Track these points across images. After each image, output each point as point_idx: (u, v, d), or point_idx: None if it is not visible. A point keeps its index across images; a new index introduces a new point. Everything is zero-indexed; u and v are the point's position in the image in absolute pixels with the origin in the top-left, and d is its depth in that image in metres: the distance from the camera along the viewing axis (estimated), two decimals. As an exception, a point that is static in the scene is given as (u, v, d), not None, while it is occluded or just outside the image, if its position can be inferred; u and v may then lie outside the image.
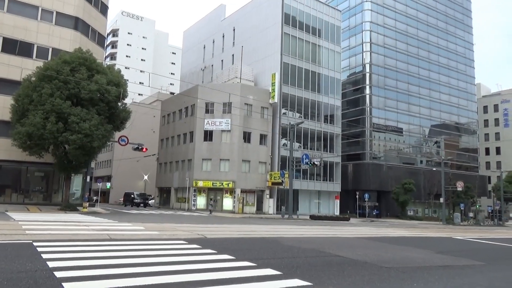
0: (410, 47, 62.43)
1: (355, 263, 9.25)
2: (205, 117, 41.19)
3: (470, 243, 18.45)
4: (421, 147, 62.16)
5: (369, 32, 57.91)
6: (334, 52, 48.82)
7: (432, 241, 18.47)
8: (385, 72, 58.12)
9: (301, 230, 19.32)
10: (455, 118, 67.90)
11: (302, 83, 45.18)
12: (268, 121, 42.32)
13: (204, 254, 9.12)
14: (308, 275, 7.38)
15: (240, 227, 18.40)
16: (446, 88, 66.69)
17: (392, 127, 58.05)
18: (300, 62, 45.34)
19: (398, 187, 50.64)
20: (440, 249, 14.64)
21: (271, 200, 41.33)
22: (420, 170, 57.80)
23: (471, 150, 70.13)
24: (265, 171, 41.62)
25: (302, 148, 43.88)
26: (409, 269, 9.05)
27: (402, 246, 14.62)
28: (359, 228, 24.25)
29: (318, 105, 46.28)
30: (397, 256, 11.39)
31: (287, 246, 11.91)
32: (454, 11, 71.67)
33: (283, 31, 44.13)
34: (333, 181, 46.74)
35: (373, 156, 54.85)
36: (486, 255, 13.76)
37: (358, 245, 14.03)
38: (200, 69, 57.62)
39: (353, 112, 56.93)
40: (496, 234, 27.21)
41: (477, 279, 8.46)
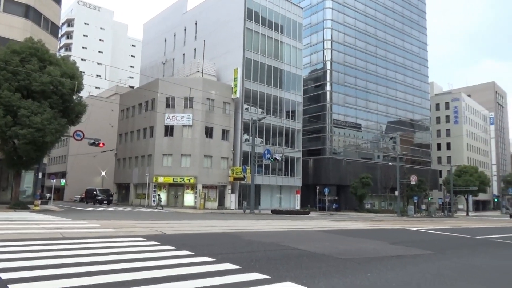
0: (368, 45, 64.38)
1: (313, 256, 9.44)
2: (166, 112, 40.40)
3: (421, 234, 19.40)
4: (378, 143, 64.47)
5: (330, 30, 59.08)
6: (296, 49, 49.40)
7: (387, 232, 19.25)
8: (345, 70, 59.62)
9: (262, 224, 19.47)
10: (410, 115, 70.97)
11: (265, 78, 45.40)
12: (230, 117, 42.19)
13: (162, 251, 8.96)
14: (267, 268, 7.44)
15: (200, 223, 18.26)
16: (402, 86, 69.50)
17: (351, 123, 59.74)
18: (263, 57, 45.49)
19: (356, 182, 52.29)
20: (394, 240, 15.28)
21: (233, 195, 41.34)
22: (377, 165, 59.98)
23: (424, 145, 73.67)
24: (227, 166, 41.53)
25: (264, 144, 44.19)
26: (364, 260, 9.37)
27: (358, 238, 15.12)
28: (319, 222, 24.81)
29: (280, 100, 46.71)
30: (353, 247, 11.76)
31: (247, 240, 11.95)
32: (410, 12, 74.67)
33: (245, 26, 44.06)
34: (294, 176, 47.47)
35: (333, 151, 56.23)
36: (435, 245, 14.52)
37: (316, 238, 14.35)
38: (161, 62, 56.37)
39: (314, 108, 58.00)
40: (446, 225, 28.80)
41: (427, 267, 8.90)
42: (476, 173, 65.75)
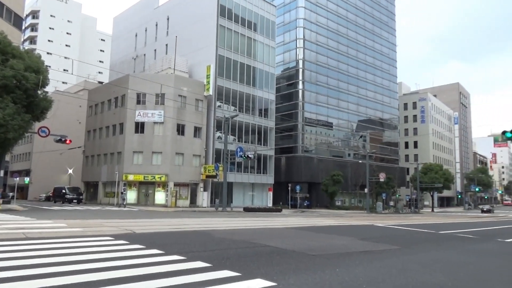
0: (340, 45, 65.49)
1: (284, 252, 9.54)
2: (137, 108, 39.59)
3: (389, 230, 19.98)
4: (349, 141, 65.79)
5: (302, 29, 59.65)
6: (269, 47, 49.58)
7: (356, 229, 19.70)
8: (317, 69, 60.39)
9: (233, 222, 19.47)
10: (379, 114, 72.81)
11: (237, 76, 45.32)
12: (202, 114, 41.86)
13: (131, 250, 8.80)
14: (238, 265, 7.46)
15: (171, 221, 18.05)
16: (372, 85, 71.16)
17: (323, 122, 60.64)
18: (236, 55, 45.38)
19: (327, 179, 53.15)
20: (363, 236, 15.66)
21: (205, 193, 41.09)
22: (348, 163, 61.22)
23: (393, 144, 75.82)
24: (199, 164, 41.22)
25: (237, 141, 44.16)
26: (333, 255, 9.56)
27: (328, 234, 15.40)
28: (290, 219, 25.07)
29: (252, 98, 46.79)
30: (323, 244, 11.97)
31: (218, 238, 11.92)
32: (380, 14, 76.49)
33: (218, 23, 43.77)
34: (266, 174, 47.72)
35: (305, 149, 56.92)
36: (402, 240, 14.99)
37: (287, 235, 14.50)
38: (132, 58, 55.16)
39: (286, 106, 58.45)
40: (412, 221, 29.78)
41: (393, 262, 9.18)
42: (441, 170, 68.34)
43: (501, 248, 14.35)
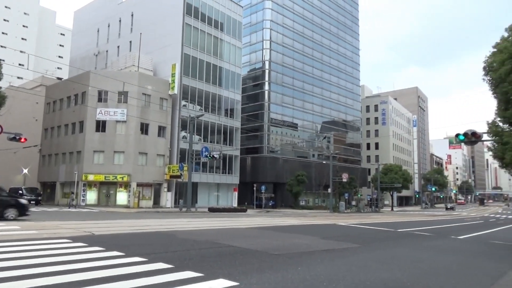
0: (306, 48, 66.52)
1: (247, 252, 9.57)
2: (98, 106, 38.29)
3: (350, 229, 20.53)
4: (313, 142, 66.93)
5: (269, 30, 60.05)
6: (235, 47, 49.52)
7: (319, 228, 20.09)
8: (283, 70, 61.00)
9: (198, 222, 19.29)
10: (343, 115, 74.62)
11: (203, 75, 44.93)
12: (167, 113, 41.14)
13: (90, 252, 8.51)
14: (200, 266, 7.40)
15: (133, 222, 17.62)
16: (336, 88, 72.80)
17: (288, 123, 61.33)
18: (202, 54, 44.97)
19: (292, 179, 53.83)
20: (325, 235, 15.99)
21: (169, 193, 40.41)
22: (312, 163, 62.27)
23: (355, 145, 77.93)
24: (163, 164, 40.48)
25: (202, 141, 43.77)
26: (295, 254, 9.69)
27: (292, 234, 15.60)
28: (255, 219, 25.18)
29: (218, 98, 46.55)
30: (286, 243, 12.11)
31: (181, 239, 11.78)
32: (344, 18, 78.42)
33: (184, 22, 43.20)
34: (232, 174, 47.63)
35: (270, 149, 57.33)
36: (362, 239, 15.44)
37: (252, 235, 14.54)
38: (93, 54, 53.32)
39: (252, 107, 58.62)
40: (373, 220, 30.76)
41: (353, 260, 9.44)
42: (400, 171, 71.02)
43: (454, 245, 15.13)
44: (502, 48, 14.68)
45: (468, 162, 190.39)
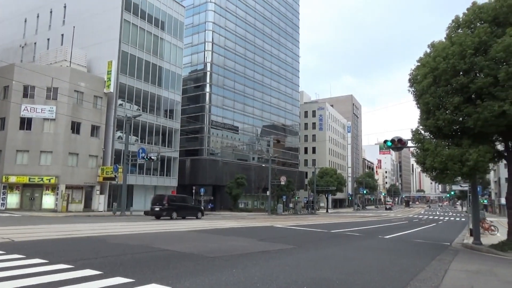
0: (247, 52, 67.18)
1: (182, 256, 9.39)
2: (23, 102, 35.34)
3: (287, 230, 21.04)
4: (253, 145, 67.69)
5: (211, 32, 59.75)
6: (176, 47, 48.56)
7: (257, 230, 20.33)
8: (224, 73, 61.00)
9: (132, 227, 18.57)
10: (282, 120, 76.41)
11: (142, 74, 43.42)
12: (102, 112, 39.12)
13: (8, 260, 7.81)
14: (132, 271, 7.12)
15: (60, 227, 16.48)
16: (276, 92, 74.38)
17: (229, 125, 61.41)
18: (141, 52, 43.46)
19: (231, 182, 53.91)
20: (262, 237, 16.23)
21: (101, 196, 38.39)
22: (252, 166, 62.91)
23: (294, 149, 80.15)
24: (96, 165, 38.40)
25: (139, 142, 42.21)
26: (232, 257, 9.70)
27: (229, 236, 15.61)
28: (193, 222, 24.82)
29: (158, 98, 45.26)
30: (223, 246, 12.09)
31: (113, 244, 11.26)
32: (285, 25, 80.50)
33: (123, 18, 41.48)
34: (170, 176, 46.51)
35: (211, 152, 56.94)
36: (298, 240, 15.90)
37: (188, 238, 14.32)
38: (19, 45, 49.20)
39: (193, 109, 57.85)
40: (308, 221, 31.82)
41: (288, 260, 9.67)
42: (335, 175, 74.29)
43: (381, 244, 16.15)
44: (425, 63, 15.98)
45: (396, 167, 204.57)
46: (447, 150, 14.77)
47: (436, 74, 15.10)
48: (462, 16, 15.57)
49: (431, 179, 17.01)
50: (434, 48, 15.98)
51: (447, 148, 15.06)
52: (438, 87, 15.19)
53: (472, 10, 15.12)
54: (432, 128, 15.66)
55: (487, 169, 16.17)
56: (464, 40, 14.17)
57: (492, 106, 13.39)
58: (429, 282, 7.72)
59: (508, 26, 13.88)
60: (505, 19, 14.17)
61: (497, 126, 14.02)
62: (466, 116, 14.44)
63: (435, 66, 15.00)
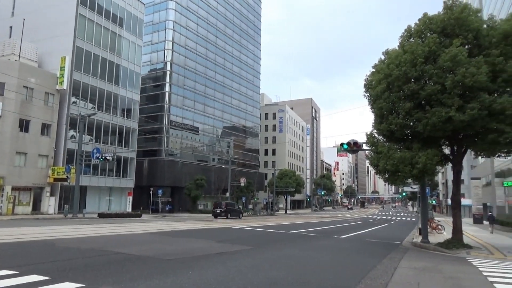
0: (209, 52, 66.69)
1: (138, 259, 9.15)
2: (-34, 97, 32.90)
3: (246, 231, 21.08)
4: (213, 146, 67.25)
5: (172, 31, 58.72)
6: (135, 45, 47.26)
7: (215, 231, 20.20)
8: (185, 73, 60.14)
9: (84, 229, 17.82)
10: (243, 121, 76.56)
11: (98, 71, 41.83)
12: (53, 110, 37.25)
13: None
14: (82, 276, 6.83)
15: (4, 231, 15.48)
16: (237, 94, 74.41)
17: (188, 126, 60.58)
18: (97, 49, 41.87)
19: (191, 183, 53.20)
20: (221, 238, 16.15)
21: (52, 198, 36.53)
22: (212, 167, 62.45)
23: (254, 150, 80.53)
24: (46, 165, 36.48)
25: (94, 142, 40.59)
26: (189, 259, 9.58)
27: (187, 238, 15.40)
28: (150, 224, 24.25)
29: (115, 97, 43.79)
30: (180, 248, 11.90)
31: (63, 248, 10.75)
32: (247, 27, 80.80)
33: (78, 12, 39.77)
34: (126, 177, 45.11)
35: (169, 152, 55.88)
36: (256, 241, 15.98)
37: (144, 240, 13.97)
38: (-38, 36, 45.79)
39: (151, 108, 56.52)
40: (267, 222, 32.06)
41: (245, 261, 9.69)
42: (294, 176, 75.45)
43: (337, 244, 16.59)
44: (379, 69, 16.67)
45: (353, 169, 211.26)
46: (399, 153, 15.48)
47: (389, 81, 15.78)
48: (414, 26, 16.39)
49: (384, 180, 17.74)
50: (388, 55, 16.68)
51: (399, 151, 15.78)
52: (391, 93, 15.88)
53: (423, 21, 15.96)
54: (385, 132, 16.35)
55: (434, 171, 17.11)
56: (415, 49, 14.92)
57: (439, 112, 14.19)
58: (380, 280, 8.03)
59: (455, 37, 14.79)
60: (452, 30, 15.08)
61: (444, 131, 14.86)
62: (417, 121, 15.21)
63: (388, 73, 15.67)
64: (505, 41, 14.47)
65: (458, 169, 17.28)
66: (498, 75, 14.25)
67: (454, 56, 13.98)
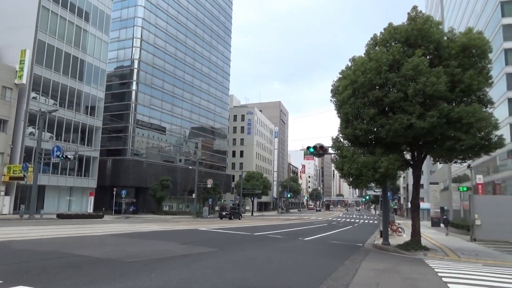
0: (178, 51, 65.81)
1: (98, 261, 8.87)
2: None
3: (211, 233, 20.93)
4: (181, 147, 66.35)
5: (140, 28, 57.49)
6: (101, 41, 45.88)
7: (180, 233, 19.93)
8: (153, 71, 59.02)
9: (42, 231, 17.06)
10: (211, 123, 76.06)
11: (61, 67, 40.23)
12: (11, 105, 35.46)
13: None
14: (38, 280, 6.54)
15: (-46, 232, 14.58)
16: (206, 95, 73.86)
17: (155, 126, 59.45)
18: (61, 43, 40.29)
19: (156, 184, 52.21)
20: (185, 240, 15.95)
21: (6, 198, 34.69)
22: (178, 168, 61.58)
23: (221, 152, 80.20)
24: (1, 163, 34.65)
25: (55, 139, 38.98)
26: (152, 261, 9.39)
27: (151, 240, 15.10)
28: (112, 225, 23.58)
29: (78, 93, 42.27)
30: (143, 250, 11.65)
31: (17, 250, 10.25)
32: (218, 28, 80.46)
33: (41, 3, 38.12)
34: (88, 177, 43.61)
35: (135, 152, 54.57)
36: (221, 242, 15.90)
37: (106, 242, 13.57)
38: None
39: (117, 106, 55.01)
40: (233, 224, 31.99)
41: (209, 263, 9.62)
42: (261, 178, 75.82)
43: (300, 245, 16.81)
44: (346, 75, 17.10)
45: (319, 172, 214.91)
46: (363, 157, 15.91)
47: (355, 87, 16.21)
48: (379, 35, 16.94)
49: (348, 184, 18.17)
50: (354, 62, 17.14)
51: (363, 155, 16.21)
52: (356, 99, 16.32)
53: (388, 31, 16.53)
54: (350, 136, 16.77)
55: (396, 176, 17.71)
56: (380, 57, 15.43)
57: (401, 119, 14.73)
58: (341, 281, 8.21)
59: (417, 47, 15.42)
60: (415, 41, 15.71)
61: (405, 137, 15.44)
62: (380, 127, 15.71)
63: (354, 79, 16.10)
64: (463, 53, 15.25)
65: (418, 174, 18.01)
66: (456, 85, 14.99)
67: (416, 66, 14.57)
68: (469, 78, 14.76)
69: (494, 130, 15.13)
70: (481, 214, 22.91)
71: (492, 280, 9.05)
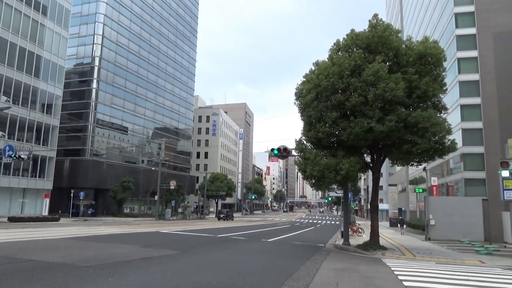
0: (142, 50, 64.33)
1: (51, 266, 8.47)
2: None
3: (173, 236, 20.59)
4: (143, 147, 64.81)
5: (102, 25, 55.65)
6: (59, 36, 43.98)
7: (141, 236, 19.46)
8: (115, 70, 57.31)
9: (-9, 235, 16.08)
10: (175, 123, 74.89)
11: (15, 62, 38.15)
12: (-41, 100, 33.25)
13: None
14: (-16, 287, 6.15)
15: None
16: (170, 95, 72.66)
17: (117, 125, 57.71)
18: (15, 37, 38.23)
19: (117, 185, 50.67)
20: (146, 243, 15.58)
21: (-46, 200, 32.51)
22: (141, 169, 60.12)
23: (186, 153, 79.14)
24: None
25: (7, 138, 36.87)
26: (109, 265, 9.09)
27: (110, 243, 14.63)
28: (68, 228, 22.65)
29: (33, 90, 40.25)
30: (101, 254, 11.25)
31: (-37, 255, 9.59)
32: (183, 28, 79.42)
33: (-6, -6, 36.07)
34: (44, 178, 41.60)
35: (94, 152, 52.67)
36: (183, 245, 15.68)
37: (61, 246, 13.00)
38: None
39: (76, 105, 52.89)
40: (197, 226, 31.64)
41: (170, 266, 9.45)
42: (226, 180, 75.46)
43: (263, 247, 16.90)
44: (310, 79, 17.42)
45: (283, 174, 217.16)
46: (325, 159, 16.25)
47: (318, 90, 16.54)
48: (342, 41, 17.39)
49: (311, 186, 18.48)
50: (318, 66, 17.49)
51: (325, 158, 16.56)
52: (319, 102, 16.65)
53: (350, 37, 17.01)
54: (313, 139, 17.08)
55: (356, 178, 18.24)
56: (342, 62, 15.85)
57: (362, 123, 15.19)
58: (302, 281, 8.33)
59: (378, 54, 15.98)
60: (375, 47, 16.27)
61: (365, 140, 15.93)
62: (342, 130, 16.12)
63: (318, 83, 16.42)
64: (420, 61, 15.98)
65: (377, 176, 18.63)
66: (413, 91, 15.66)
67: (376, 71, 15.08)
68: (425, 84, 15.48)
69: (447, 135, 15.95)
70: (435, 214, 24.06)
71: (444, 277, 9.52)
